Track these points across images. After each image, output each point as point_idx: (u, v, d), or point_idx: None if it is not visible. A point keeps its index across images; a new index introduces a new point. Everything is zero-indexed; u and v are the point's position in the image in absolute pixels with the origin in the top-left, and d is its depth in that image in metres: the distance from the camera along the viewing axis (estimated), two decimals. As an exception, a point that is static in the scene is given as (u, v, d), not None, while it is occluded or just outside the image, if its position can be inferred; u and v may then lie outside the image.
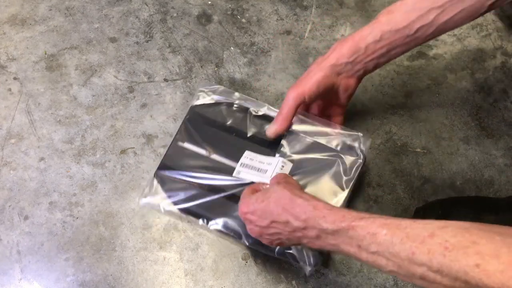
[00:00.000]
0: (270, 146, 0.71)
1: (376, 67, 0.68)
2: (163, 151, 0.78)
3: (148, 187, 0.70)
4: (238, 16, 0.91)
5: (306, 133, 0.71)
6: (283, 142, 0.71)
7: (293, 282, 0.71)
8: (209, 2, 0.92)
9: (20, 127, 0.80)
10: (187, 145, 0.73)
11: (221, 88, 0.76)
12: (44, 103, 0.82)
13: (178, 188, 0.70)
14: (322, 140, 0.71)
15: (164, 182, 0.70)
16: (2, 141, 0.79)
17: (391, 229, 0.47)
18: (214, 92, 0.76)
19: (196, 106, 0.75)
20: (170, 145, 0.73)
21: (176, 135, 0.73)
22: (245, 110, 0.74)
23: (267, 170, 0.68)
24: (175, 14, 0.91)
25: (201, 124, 0.74)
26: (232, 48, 0.88)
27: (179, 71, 0.85)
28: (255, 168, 0.69)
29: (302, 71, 0.85)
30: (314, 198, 0.57)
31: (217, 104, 0.75)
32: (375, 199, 0.77)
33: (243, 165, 0.69)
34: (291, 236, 0.57)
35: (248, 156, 0.70)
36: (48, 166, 0.77)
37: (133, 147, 0.79)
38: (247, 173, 0.68)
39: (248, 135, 0.72)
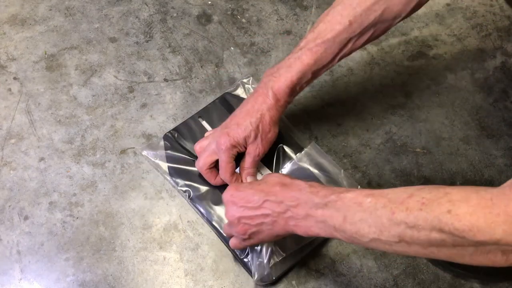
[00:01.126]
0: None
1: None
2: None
3: (154, 143, 0.77)
4: (238, 16, 0.91)
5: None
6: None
7: (293, 282, 0.71)
8: (209, 2, 0.92)
9: (20, 127, 0.80)
10: (204, 123, 0.79)
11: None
12: (44, 103, 0.82)
13: (178, 157, 0.76)
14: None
15: (168, 145, 0.77)
16: (2, 141, 0.79)
17: (375, 197, 0.51)
18: (251, 85, 0.82)
19: (228, 93, 0.81)
20: (190, 117, 0.79)
21: (199, 110, 0.79)
22: None
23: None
24: (175, 14, 0.91)
25: (224, 111, 0.79)
26: (232, 48, 0.88)
27: (179, 71, 0.85)
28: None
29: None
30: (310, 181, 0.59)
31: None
32: (375, 199, 0.77)
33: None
34: (278, 218, 0.59)
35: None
36: (48, 166, 0.77)
37: (133, 147, 0.79)
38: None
39: None
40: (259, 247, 0.66)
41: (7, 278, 0.70)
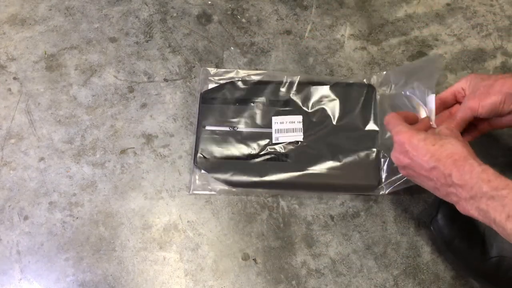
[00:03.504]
0: (285, 106, 0.80)
1: None
2: (163, 151, 0.78)
3: (193, 178, 0.76)
4: (238, 16, 0.91)
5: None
6: (295, 99, 0.81)
7: (293, 282, 0.71)
8: (209, 2, 0.92)
9: (20, 127, 0.80)
10: (209, 127, 0.79)
11: (222, 70, 0.84)
12: (44, 103, 0.82)
13: (221, 167, 0.76)
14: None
15: (206, 167, 0.76)
16: (2, 141, 0.79)
17: None
18: (219, 76, 0.83)
19: (206, 91, 0.82)
20: (196, 135, 0.78)
21: (198, 123, 0.79)
22: (253, 83, 0.82)
23: (300, 128, 0.78)
24: (175, 14, 0.90)
25: (215, 106, 0.80)
26: (232, 48, 0.88)
27: (179, 71, 0.85)
28: (289, 130, 0.78)
29: (302, 71, 0.85)
30: (484, 164, 0.57)
31: (224, 84, 0.82)
32: (375, 199, 0.77)
33: (277, 131, 0.78)
34: (440, 187, 0.58)
35: (277, 121, 0.79)
36: (48, 166, 0.77)
37: (133, 147, 0.79)
38: (284, 136, 0.77)
39: (266, 101, 0.81)
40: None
41: (7, 278, 0.70)
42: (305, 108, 0.80)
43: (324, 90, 0.81)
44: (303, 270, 0.71)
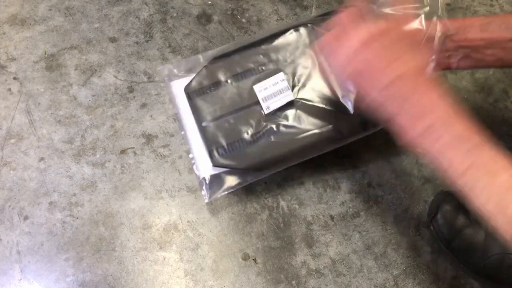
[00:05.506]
0: (261, 70, 0.74)
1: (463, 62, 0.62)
2: (163, 151, 0.78)
3: (204, 186, 0.71)
4: (238, 16, 0.91)
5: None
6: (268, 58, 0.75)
7: (293, 282, 0.71)
8: (209, 2, 0.92)
9: (20, 127, 0.80)
10: (206, 123, 0.73)
11: (183, 61, 0.77)
12: (44, 103, 0.82)
13: (238, 155, 0.70)
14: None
15: (225, 161, 0.70)
16: (2, 141, 0.79)
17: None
18: (182, 69, 0.77)
19: (187, 87, 0.74)
20: (200, 133, 0.72)
21: (196, 121, 0.73)
22: (222, 59, 0.75)
23: (286, 86, 0.72)
24: (175, 14, 0.90)
25: (202, 97, 0.74)
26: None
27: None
28: (275, 93, 0.72)
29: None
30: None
31: (199, 72, 0.75)
32: (375, 199, 0.77)
33: (264, 99, 0.72)
34: (402, 114, 0.50)
35: (260, 88, 0.72)
36: (48, 166, 0.77)
37: (133, 147, 0.79)
38: (274, 102, 0.71)
39: (241, 72, 0.74)
40: None
41: (7, 278, 0.70)
42: (283, 63, 0.74)
43: (293, 35, 0.75)
44: (303, 270, 0.71)
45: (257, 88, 0.72)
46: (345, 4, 0.59)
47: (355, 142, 0.81)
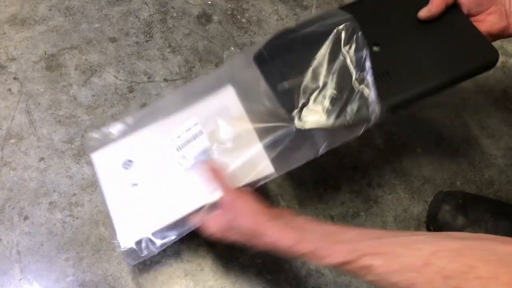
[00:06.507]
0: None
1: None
2: (163, 151, 0.78)
3: None
4: (238, 16, 0.91)
5: None
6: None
7: (293, 282, 0.71)
8: (209, 2, 0.92)
9: (20, 127, 0.80)
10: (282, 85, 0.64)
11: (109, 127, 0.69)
12: (44, 103, 0.82)
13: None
14: None
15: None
16: (2, 141, 0.79)
17: (387, 260, 0.46)
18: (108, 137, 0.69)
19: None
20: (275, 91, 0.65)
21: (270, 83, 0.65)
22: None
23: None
24: (175, 14, 0.90)
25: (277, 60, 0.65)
26: (232, 48, 0.88)
27: (179, 71, 0.85)
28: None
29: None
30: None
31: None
32: (375, 199, 0.77)
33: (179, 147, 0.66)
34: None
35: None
36: (48, 166, 0.77)
37: (133, 147, 0.79)
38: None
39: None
40: None
41: (7, 278, 0.70)
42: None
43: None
44: (303, 270, 0.71)
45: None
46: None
47: (355, 142, 0.81)
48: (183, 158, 0.66)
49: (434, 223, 0.71)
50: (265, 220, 0.57)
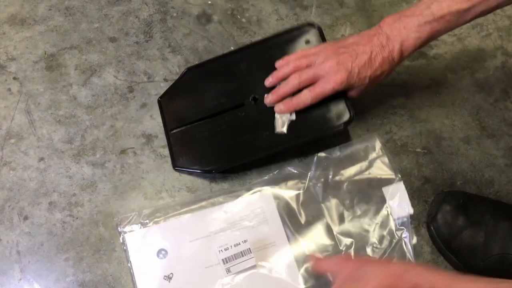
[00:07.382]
0: None
1: None
2: (163, 151, 0.78)
3: None
4: (238, 16, 0.91)
5: None
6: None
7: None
8: (209, 2, 0.92)
9: (20, 127, 0.80)
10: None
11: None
12: (44, 103, 0.82)
13: None
14: None
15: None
16: (2, 141, 0.79)
17: None
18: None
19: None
20: None
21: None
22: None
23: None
24: (175, 14, 0.90)
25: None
26: (232, 48, 0.88)
27: (179, 71, 0.85)
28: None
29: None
30: None
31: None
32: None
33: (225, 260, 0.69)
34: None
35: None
36: (47, 166, 0.77)
37: (133, 147, 0.79)
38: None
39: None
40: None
41: (7, 278, 0.70)
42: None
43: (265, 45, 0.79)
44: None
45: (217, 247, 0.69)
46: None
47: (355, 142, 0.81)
48: (228, 272, 0.68)
49: (434, 223, 0.71)
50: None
